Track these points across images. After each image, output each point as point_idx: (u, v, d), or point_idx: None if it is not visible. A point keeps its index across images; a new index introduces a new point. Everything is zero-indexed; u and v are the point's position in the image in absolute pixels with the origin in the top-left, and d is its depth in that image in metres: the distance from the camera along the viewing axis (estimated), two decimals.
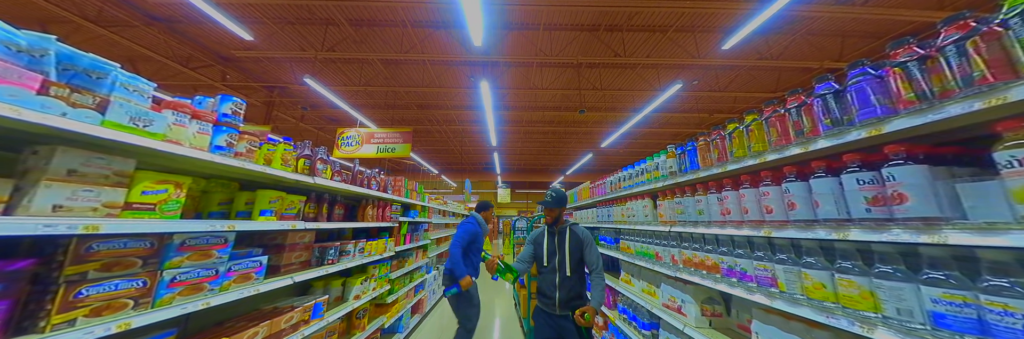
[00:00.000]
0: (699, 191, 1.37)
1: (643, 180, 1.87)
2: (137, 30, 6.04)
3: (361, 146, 6.77)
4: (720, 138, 1.25)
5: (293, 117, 10.56)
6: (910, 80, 0.73)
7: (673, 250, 1.55)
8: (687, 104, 9.31)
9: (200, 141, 1.10)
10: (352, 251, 2.10)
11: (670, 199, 1.58)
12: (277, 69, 7.81)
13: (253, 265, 1.31)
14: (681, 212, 1.48)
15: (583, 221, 3.34)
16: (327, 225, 1.79)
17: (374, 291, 2.43)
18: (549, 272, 1.68)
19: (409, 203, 3.39)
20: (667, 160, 1.61)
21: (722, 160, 1.24)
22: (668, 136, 12.20)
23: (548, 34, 6.26)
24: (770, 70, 7.53)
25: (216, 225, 1.11)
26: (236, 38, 6.25)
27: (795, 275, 0.94)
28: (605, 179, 2.60)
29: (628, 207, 2.06)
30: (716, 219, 1.26)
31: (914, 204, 0.70)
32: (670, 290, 1.60)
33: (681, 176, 1.48)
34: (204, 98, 1.24)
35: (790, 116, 0.98)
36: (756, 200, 1.08)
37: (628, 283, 2.16)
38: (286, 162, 1.50)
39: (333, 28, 6.23)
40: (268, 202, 1.43)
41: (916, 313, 0.68)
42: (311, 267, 1.81)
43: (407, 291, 3.32)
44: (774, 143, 1.02)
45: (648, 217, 1.81)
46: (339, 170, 2.05)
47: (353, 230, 2.56)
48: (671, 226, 1.54)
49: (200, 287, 1.09)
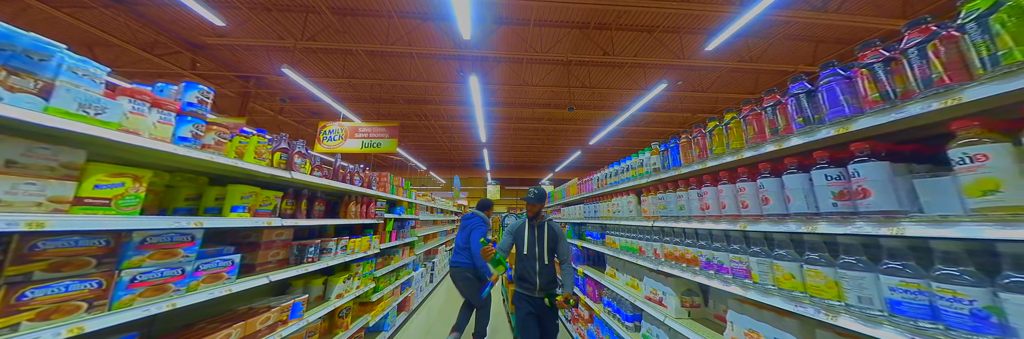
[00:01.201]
0: (681, 187, 1.40)
1: (628, 177, 1.91)
2: (94, 12, 5.54)
3: (344, 141, 6.55)
4: (701, 136, 1.29)
5: (271, 110, 10.06)
6: (875, 81, 0.77)
7: (656, 244, 1.59)
8: (671, 104, 9.55)
9: (162, 132, 1.03)
10: (334, 249, 2.04)
11: (653, 195, 1.62)
12: (253, 58, 7.39)
13: (224, 264, 1.24)
14: (663, 207, 1.52)
15: (570, 217, 3.39)
16: (306, 222, 1.72)
17: (358, 289, 2.38)
18: (529, 260, 1.94)
19: (395, 199, 3.32)
20: (651, 157, 1.64)
21: (703, 157, 1.27)
22: (654, 134, 12.50)
23: (539, 30, 6.22)
24: (749, 72, 7.83)
25: (181, 222, 1.04)
26: (206, 23, 5.85)
27: (767, 267, 0.99)
28: (592, 176, 2.64)
29: (614, 203, 2.10)
30: (696, 214, 1.30)
31: (876, 199, 0.74)
32: (652, 283, 1.65)
33: (664, 172, 1.52)
34: (167, 85, 1.15)
35: (766, 114, 1.01)
36: (733, 195, 1.12)
37: (613, 277, 2.21)
38: (260, 156, 1.42)
39: (313, 16, 5.93)
40: (240, 198, 1.35)
41: (875, 300, 0.73)
42: (289, 266, 1.74)
43: (393, 289, 3.27)
44: (751, 140, 1.06)
45: (632, 213, 1.85)
46: (320, 165, 1.97)
47: (335, 227, 2.49)
48: (654, 221, 1.58)
49: (164, 288, 1.02)
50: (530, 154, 16.05)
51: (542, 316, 1.92)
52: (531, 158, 16.95)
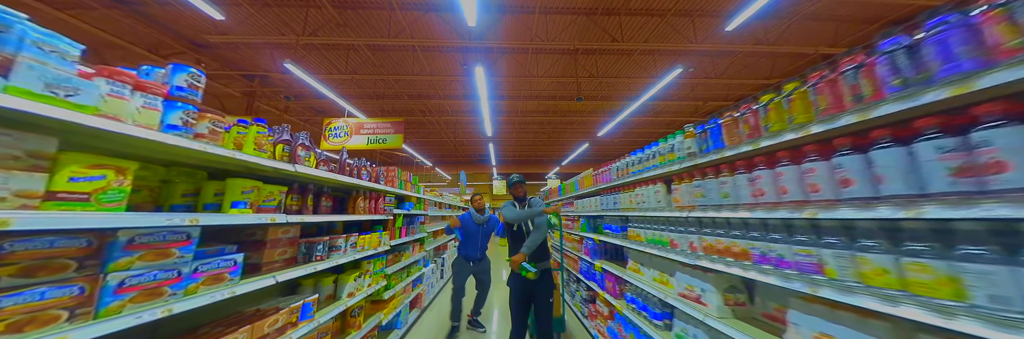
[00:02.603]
0: (725, 172, 1.24)
1: (655, 164, 1.75)
2: (98, 13, 5.48)
3: (350, 137, 6.48)
4: (752, 113, 1.12)
5: (276, 108, 10.05)
6: (1013, 23, 0.60)
7: (691, 237, 1.45)
8: (682, 92, 9.22)
9: (147, 118, 0.91)
10: (343, 246, 1.95)
11: (688, 182, 1.46)
12: (257, 56, 7.31)
13: (226, 264, 1.15)
14: (701, 196, 1.36)
15: (585, 210, 3.24)
16: (312, 218, 1.62)
17: (369, 288, 2.30)
18: (518, 235, 2.23)
19: (403, 195, 3.22)
20: (684, 141, 1.48)
21: (754, 136, 1.11)
22: (663, 124, 12.17)
23: (544, 18, 5.96)
24: (765, 56, 7.44)
25: (174, 219, 0.94)
26: (209, 21, 5.76)
27: (848, 260, 0.84)
28: (610, 165, 2.48)
29: (637, 193, 1.95)
30: (746, 202, 1.14)
31: (1018, 173, 0.58)
32: (687, 279, 1.51)
33: (702, 157, 1.36)
34: (153, 68, 1.03)
35: (845, 80, 0.84)
36: (797, 178, 0.96)
37: (637, 272, 2.08)
38: (260, 147, 1.31)
39: (314, 10, 5.79)
40: (240, 193, 1.24)
41: (1016, 300, 0.58)
42: (297, 264, 1.65)
43: (404, 286, 3.21)
44: (823, 112, 0.89)
45: (661, 203, 1.70)
46: (325, 159, 1.87)
47: (344, 224, 2.40)
48: (689, 211, 1.43)
49: (158, 292, 0.92)
50: (536, 148, 15.86)
51: (535, 293, 2.11)
52: (537, 152, 16.76)
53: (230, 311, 1.43)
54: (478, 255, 3.14)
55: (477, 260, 3.13)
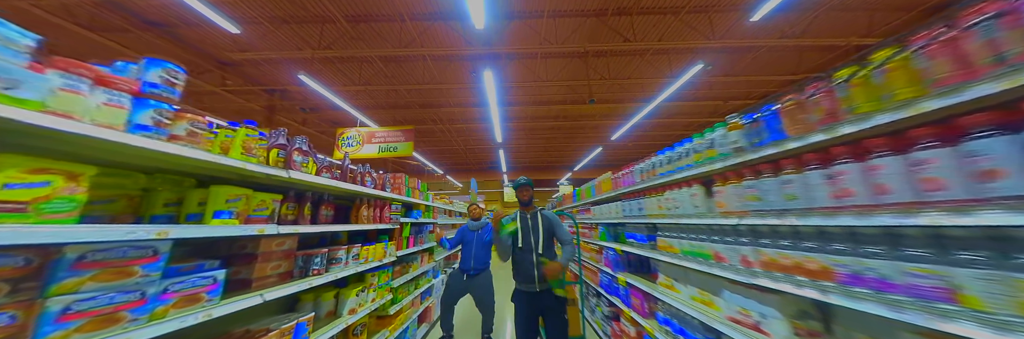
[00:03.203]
0: (788, 169, 1.01)
1: (689, 163, 1.52)
2: (134, 35, 5.92)
3: (362, 146, 6.54)
4: (824, 93, 0.90)
5: (295, 121, 10.43)
6: None
7: (743, 249, 1.20)
8: (699, 91, 8.85)
9: (110, 116, 0.80)
10: (344, 258, 1.80)
11: (735, 183, 1.23)
12: (276, 71, 7.66)
13: (204, 282, 1.01)
14: (756, 199, 1.12)
15: (604, 217, 2.99)
16: (308, 229, 1.48)
17: (373, 303, 2.13)
18: (526, 252, 1.87)
19: (411, 202, 3.09)
20: (728, 134, 1.26)
21: (830, 121, 0.88)
22: (679, 126, 11.72)
23: (552, 22, 5.91)
24: (791, 51, 7.03)
25: (137, 231, 0.81)
26: (231, 39, 6.10)
27: (1002, 285, 0.59)
28: (632, 167, 2.25)
29: (668, 197, 1.71)
30: (823, 205, 0.90)
31: None
32: (739, 300, 1.25)
33: (754, 151, 1.13)
34: (127, 64, 0.94)
35: (976, 36, 0.62)
36: (902, 172, 0.73)
37: (670, 288, 1.81)
38: (250, 151, 1.20)
39: (329, 25, 6.02)
40: (225, 202, 1.13)
41: None
42: (293, 279, 1.51)
43: (412, 299, 3.02)
44: (940, 82, 0.67)
45: (700, 208, 1.46)
46: (328, 166, 1.76)
47: (349, 234, 2.27)
48: (740, 218, 1.19)
49: (115, 318, 0.78)
50: (547, 154, 15.65)
51: (545, 311, 1.83)
52: (548, 158, 16.54)
53: (217, 332, 1.29)
54: (473, 266, 2.77)
55: (473, 274, 2.76)
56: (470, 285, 2.80)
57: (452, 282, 2.89)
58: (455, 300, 2.84)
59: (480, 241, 2.87)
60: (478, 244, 2.87)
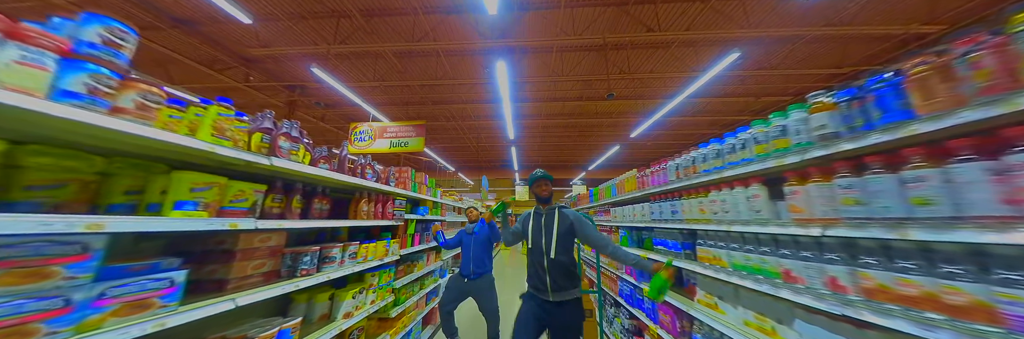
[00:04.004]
0: (917, 161, 0.72)
1: (747, 157, 1.23)
2: (165, 33, 6.13)
3: (374, 141, 6.49)
4: (992, 47, 0.61)
5: (314, 117, 10.65)
6: None
7: (834, 269, 0.91)
8: (729, 87, 8.24)
9: (23, 78, 0.63)
10: (339, 257, 1.63)
11: (822, 182, 0.94)
12: (295, 67, 7.77)
13: (156, 285, 0.84)
14: (855, 203, 0.84)
15: (627, 220, 2.70)
16: (296, 224, 1.31)
17: (373, 305, 1.97)
18: (536, 254, 1.64)
19: (417, 198, 2.92)
20: (811, 117, 0.97)
21: (1003, 90, 0.59)
22: (705, 125, 11.06)
23: (570, 12, 5.60)
24: (835, 41, 6.36)
25: (55, 223, 0.64)
26: (252, 35, 6.20)
27: None
28: (664, 163, 1.96)
29: (714, 199, 1.42)
30: (984, 213, 0.61)
31: None
32: (821, 334, 0.96)
33: (855, 139, 0.84)
34: (65, 21, 0.78)
35: None
36: None
37: (712, 308, 1.52)
38: (222, 133, 1.02)
39: (344, 20, 6.00)
40: (189, 191, 0.96)
41: None
42: (281, 280, 1.35)
43: (417, 300, 2.86)
44: None
45: (761, 213, 1.17)
46: (325, 156, 1.59)
47: (349, 230, 2.12)
48: (825, 227, 0.90)
49: (24, 332, 0.62)
50: (560, 152, 15.28)
51: (556, 327, 1.58)
52: (561, 156, 16.17)
53: (193, 337, 1.14)
54: (473, 270, 2.60)
55: (473, 278, 2.59)
56: (470, 289, 2.62)
57: (452, 285, 2.71)
58: (454, 305, 2.65)
59: (478, 243, 2.67)
60: (476, 246, 2.68)
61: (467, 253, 2.70)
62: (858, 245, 0.86)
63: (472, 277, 2.62)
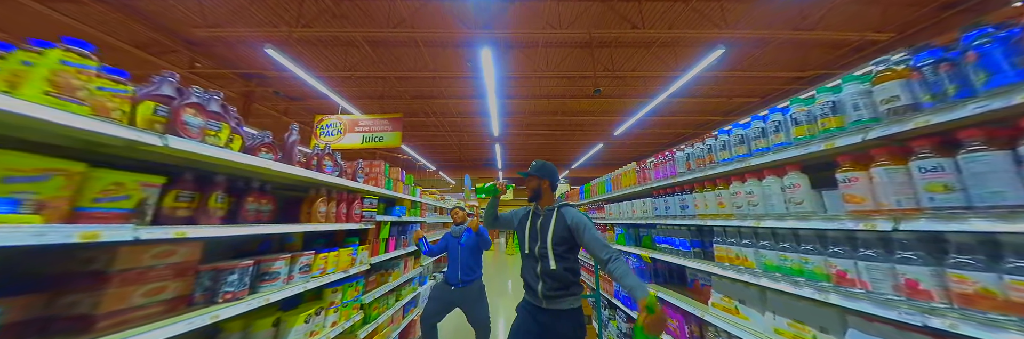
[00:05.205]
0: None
1: (784, 141, 1.07)
2: (85, 7, 5.12)
3: (344, 135, 5.92)
4: None
5: (276, 110, 9.66)
6: None
7: (911, 270, 0.75)
8: (705, 87, 8.56)
9: None
10: (285, 272, 1.28)
11: (890, 166, 0.78)
12: (252, 53, 6.92)
13: None
14: (944, 189, 0.68)
15: (625, 217, 2.54)
16: (213, 231, 0.95)
17: (334, 327, 1.62)
18: (530, 260, 1.46)
19: (392, 197, 2.57)
20: (876, 88, 0.81)
21: None
22: (680, 125, 11.48)
23: (556, 5, 5.44)
24: (796, 47, 6.78)
25: None
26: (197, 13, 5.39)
27: None
28: (672, 154, 1.80)
29: (738, 191, 1.26)
30: None
31: None
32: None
33: (946, 110, 0.68)
34: None
35: None
36: None
37: (731, 312, 1.36)
38: (68, 92, 0.67)
39: (310, 2, 5.39)
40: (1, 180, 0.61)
41: None
42: (194, 307, 0.98)
43: (393, 314, 2.51)
44: None
45: (802, 205, 1.01)
46: (266, 144, 1.24)
47: (304, 235, 1.74)
48: (897, 220, 0.74)
49: None
50: (544, 151, 15.23)
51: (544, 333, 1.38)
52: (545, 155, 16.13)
53: None
54: (461, 278, 2.34)
55: (460, 286, 2.33)
56: (458, 298, 2.32)
57: (436, 294, 2.40)
58: (439, 317, 2.34)
59: (466, 248, 2.40)
60: (464, 251, 2.39)
61: (454, 259, 2.40)
62: (948, 241, 0.70)
63: (460, 285, 2.32)
